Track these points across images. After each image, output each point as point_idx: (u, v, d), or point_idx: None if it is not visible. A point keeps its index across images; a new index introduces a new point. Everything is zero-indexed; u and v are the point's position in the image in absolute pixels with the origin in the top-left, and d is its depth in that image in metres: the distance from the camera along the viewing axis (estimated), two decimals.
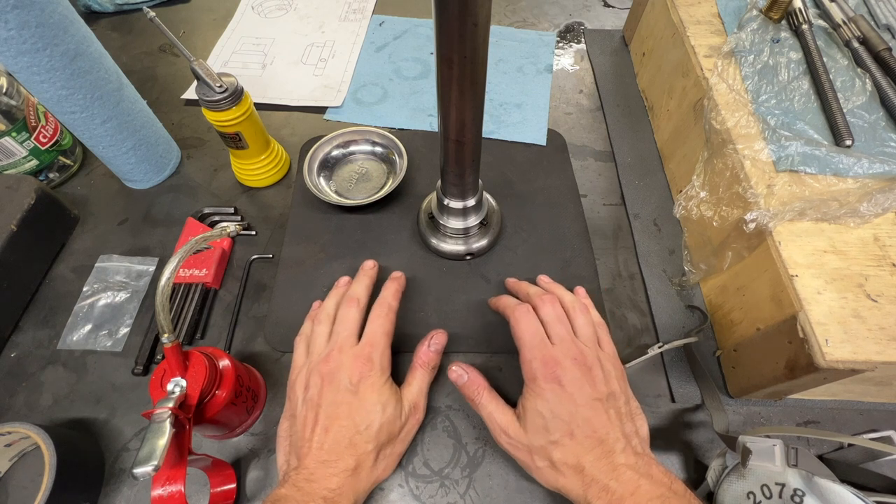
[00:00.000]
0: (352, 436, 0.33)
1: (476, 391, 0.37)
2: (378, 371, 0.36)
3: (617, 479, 0.30)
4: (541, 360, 0.34)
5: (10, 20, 0.37)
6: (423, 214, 0.51)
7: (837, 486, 0.30)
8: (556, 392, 0.33)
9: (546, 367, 0.34)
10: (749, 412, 0.42)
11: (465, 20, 0.26)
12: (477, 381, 0.38)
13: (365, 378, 0.35)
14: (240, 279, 0.49)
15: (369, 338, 0.37)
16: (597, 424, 0.32)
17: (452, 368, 0.39)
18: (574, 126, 0.62)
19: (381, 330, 0.38)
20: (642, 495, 0.29)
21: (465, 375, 0.38)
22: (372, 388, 0.35)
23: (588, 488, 0.31)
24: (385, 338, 0.38)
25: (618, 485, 0.30)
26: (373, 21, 0.74)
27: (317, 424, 0.34)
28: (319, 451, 0.32)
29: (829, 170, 0.40)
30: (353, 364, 0.35)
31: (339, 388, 0.35)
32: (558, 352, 0.35)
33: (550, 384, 0.33)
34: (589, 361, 0.34)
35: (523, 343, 0.36)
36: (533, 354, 0.35)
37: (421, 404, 0.38)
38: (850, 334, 0.33)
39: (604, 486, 0.30)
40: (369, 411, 0.34)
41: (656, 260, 0.50)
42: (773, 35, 0.50)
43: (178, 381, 0.33)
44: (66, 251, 0.50)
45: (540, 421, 0.33)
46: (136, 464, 0.27)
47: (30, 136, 0.50)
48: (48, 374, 0.43)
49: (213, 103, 0.45)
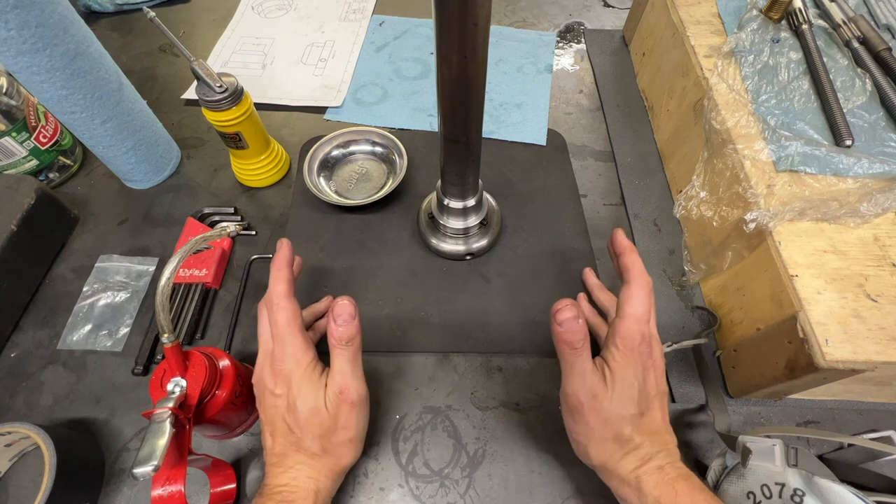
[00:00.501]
0: (290, 438, 0.33)
1: (581, 340, 0.32)
2: (285, 368, 0.34)
3: (672, 464, 0.31)
4: (642, 336, 0.33)
5: (10, 20, 0.37)
6: (423, 214, 0.51)
7: (837, 486, 0.30)
8: (647, 372, 0.33)
9: (644, 344, 0.33)
10: (749, 412, 0.42)
11: (465, 20, 0.26)
12: (586, 329, 0.33)
13: (279, 379, 0.34)
14: (240, 279, 0.48)
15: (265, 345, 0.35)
16: (661, 415, 0.33)
17: (566, 303, 0.33)
18: (574, 126, 0.62)
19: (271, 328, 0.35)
20: (695, 483, 0.30)
21: (580, 319, 0.32)
22: (291, 391, 0.34)
23: (641, 466, 0.31)
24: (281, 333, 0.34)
25: (672, 469, 0.31)
26: (373, 21, 0.74)
27: (264, 432, 0.34)
28: (270, 456, 0.33)
29: (829, 170, 0.40)
30: (270, 371, 0.34)
31: (266, 394, 0.34)
32: (653, 338, 0.35)
33: (645, 361, 0.33)
34: (664, 358, 0.35)
35: (634, 311, 0.34)
36: (638, 328, 0.34)
37: (348, 385, 0.34)
38: (850, 334, 0.33)
39: (658, 466, 0.31)
40: (298, 412, 0.33)
41: (656, 260, 0.50)
42: (773, 35, 0.50)
43: (178, 381, 0.33)
44: (66, 251, 0.50)
45: (630, 391, 0.32)
46: (136, 464, 0.27)
47: (30, 136, 0.50)
48: (48, 374, 0.43)
49: (213, 103, 0.45)
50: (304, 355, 0.34)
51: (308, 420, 0.33)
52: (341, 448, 0.34)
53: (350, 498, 0.38)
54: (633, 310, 0.34)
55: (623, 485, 0.32)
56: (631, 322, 0.33)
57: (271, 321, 0.35)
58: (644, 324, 0.34)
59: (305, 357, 0.34)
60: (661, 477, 0.30)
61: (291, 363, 0.34)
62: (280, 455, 0.33)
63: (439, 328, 0.45)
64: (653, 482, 0.30)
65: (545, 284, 0.48)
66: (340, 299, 0.35)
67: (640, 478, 0.31)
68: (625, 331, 0.33)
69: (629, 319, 0.33)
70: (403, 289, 0.48)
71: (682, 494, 0.29)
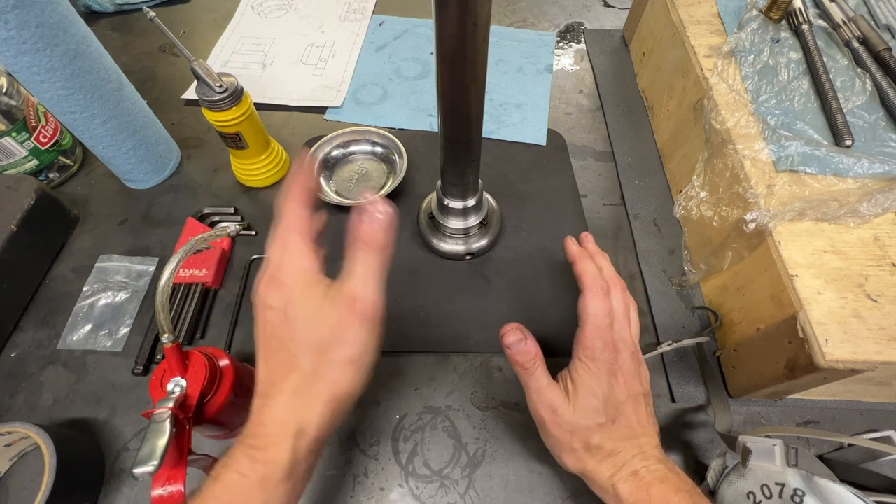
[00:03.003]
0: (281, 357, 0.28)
1: (532, 360, 0.34)
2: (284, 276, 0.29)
3: (647, 468, 0.31)
4: (603, 343, 0.34)
5: (10, 20, 0.37)
6: (423, 214, 0.51)
7: (837, 486, 0.30)
8: (612, 378, 0.33)
9: (607, 351, 0.33)
10: (749, 412, 0.42)
11: (465, 20, 0.26)
12: (534, 349, 0.34)
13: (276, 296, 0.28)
14: (240, 279, 0.48)
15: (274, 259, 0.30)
16: (636, 418, 0.33)
17: (511, 330, 0.34)
18: (574, 126, 0.62)
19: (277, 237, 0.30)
20: (670, 485, 0.30)
21: (525, 340, 0.34)
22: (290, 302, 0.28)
23: (617, 472, 0.31)
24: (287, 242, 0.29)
25: (647, 473, 0.30)
26: (373, 21, 0.74)
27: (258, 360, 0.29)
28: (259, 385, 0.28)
29: (829, 170, 0.40)
30: (266, 288, 0.29)
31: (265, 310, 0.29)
32: (619, 341, 0.34)
33: (608, 367, 0.33)
34: (639, 358, 0.35)
35: (591, 321, 0.34)
36: (598, 335, 0.34)
37: (363, 294, 0.28)
38: (850, 334, 0.33)
39: (633, 472, 0.31)
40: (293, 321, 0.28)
41: (656, 260, 0.50)
42: (773, 35, 0.50)
43: (178, 381, 0.33)
44: (66, 251, 0.50)
45: (593, 401, 0.33)
46: (136, 464, 0.27)
47: (30, 136, 0.50)
48: (48, 374, 0.43)
49: (213, 103, 0.45)
50: (308, 261, 0.29)
51: (304, 329, 0.27)
52: (338, 369, 0.28)
53: (350, 498, 0.38)
54: (590, 318, 0.34)
55: (603, 492, 0.32)
56: (589, 330, 0.34)
57: (276, 228, 0.30)
58: (605, 329, 0.34)
59: (308, 263, 0.29)
60: (637, 483, 0.30)
61: (291, 270, 0.28)
62: (268, 384, 0.28)
63: (439, 328, 0.45)
64: (628, 489, 0.30)
65: (545, 284, 0.48)
66: (381, 199, 0.29)
67: (617, 485, 0.30)
68: (584, 340, 0.34)
69: (587, 328, 0.34)
70: (403, 289, 0.48)
71: (656, 499, 0.29)
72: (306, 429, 0.26)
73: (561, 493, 0.38)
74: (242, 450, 0.26)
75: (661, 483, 0.30)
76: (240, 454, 0.26)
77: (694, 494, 0.29)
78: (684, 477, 0.31)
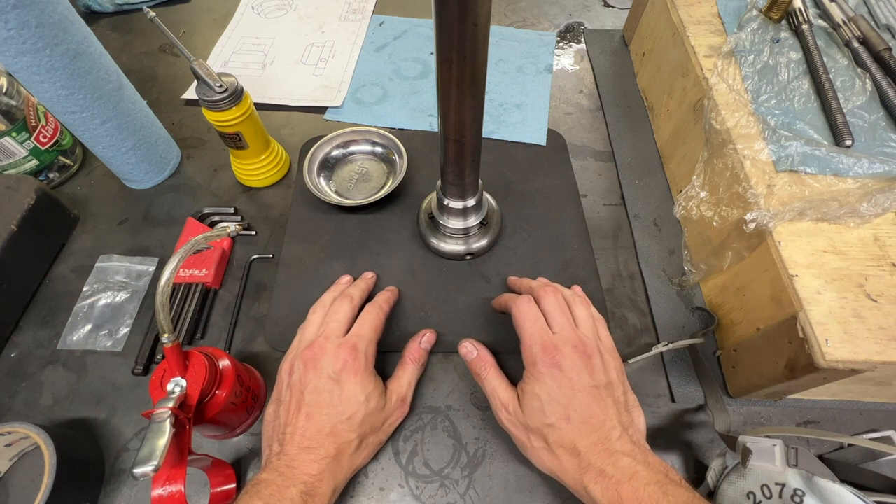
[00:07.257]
0: (334, 424, 0.34)
1: (483, 367, 0.38)
2: (362, 361, 0.36)
3: (614, 464, 0.30)
4: (541, 345, 0.34)
5: (10, 20, 0.37)
6: (423, 214, 0.51)
7: (837, 486, 0.30)
8: (555, 377, 0.33)
9: (546, 352, 0.34)
10: (749, 412, 0.42)
11: (465, 20, 0.26)
12: (485, 357, 0.39)
13: (348, 367, 0.35)
14: (240, 279, 0.49)
15: (357, 329, 0.38)
16: (594, 411, 0.32)
17: (463, 344, 0.40)
18: (574, 126, 0.62)
19: (369, 324, 0.39)
20: (639, 480, 0.29)
21: (475, 352, 0.40)
22: (354, 378, 0.35)
23: (584, 473, 0.31)
24: (373, 332, 0.39)
25: (615, 470, 0.30)
26: (373, 21, 0.74)
27: (300, 411, 0.34)
28: (302, 438, 0.33)
29: (829, 170, 0.40)
30: (337, 352, 0.36)
31: (321, 375, 0.35)
32: (559, 339, 0.35)
33: (550, 369, 0.33)
34: (589, 350, 0.35)
35: (524, 329, 0.36)
36: (533, 340, 0.35)
37: (408, 398, 0.39)
38: (850, 334, 0.33)
39: (600, 471, 0.30)
40: (351, 401, 0.34)
41: (656, 260, 0.50)
42: (773, 35, 0.50)
43: (178, 381, 0.33)
44: (66, 251, 0.50)
45: (537, 404, 0.33)
46: (136, 464, 0.27)
47: (30, 136, 0.50)
48: (48, 374, 0.43)
49: (213, 103, 0.45)
50: (374, 359, 0.38)
51: (366, 415, 0.35)
52: (370, 449, 0.37)
53: (350, 498, 0.38)
54: (520, 326, 0.37)
55: (578, 494, 0.32)
56: (526, 340, 0.36)
57: (364, 319, 0.39)
58: (539, 332, 0.35)
59: (373, 361, 0.38)
60: (607, 483, 0.30)
61: (363, 359, 0.37)
62: (312, 439, 0.33)
63: (439, 328, 0.45)
64: (600, 491, 0.30)
65: None
66: (431, 331, 0.44)
67: (588, 486, 0.30)
68: (523, 349, 0.36)
69: (523, 336, 0.36)
70: (403, 289, 0.48)
71: (627, 499, 0.29)
72: (338, 486, 0.34)
73: (561, 493, 0.38)
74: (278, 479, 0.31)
75: (629, 481, 0.29)
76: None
77: (664, 484, 0.29)
78: (655, 465, 0.30)
